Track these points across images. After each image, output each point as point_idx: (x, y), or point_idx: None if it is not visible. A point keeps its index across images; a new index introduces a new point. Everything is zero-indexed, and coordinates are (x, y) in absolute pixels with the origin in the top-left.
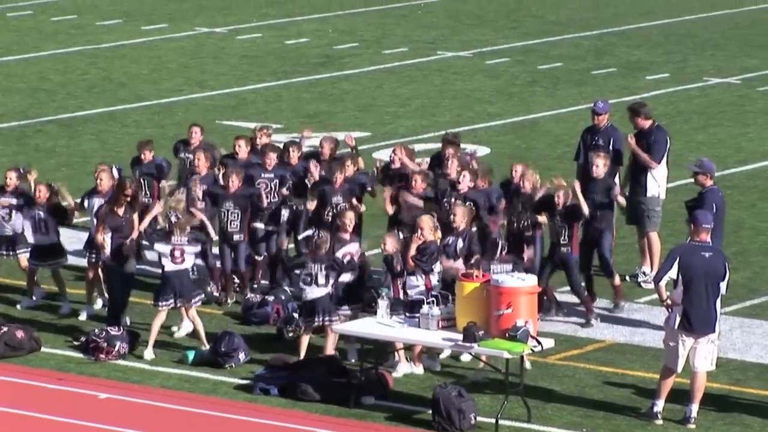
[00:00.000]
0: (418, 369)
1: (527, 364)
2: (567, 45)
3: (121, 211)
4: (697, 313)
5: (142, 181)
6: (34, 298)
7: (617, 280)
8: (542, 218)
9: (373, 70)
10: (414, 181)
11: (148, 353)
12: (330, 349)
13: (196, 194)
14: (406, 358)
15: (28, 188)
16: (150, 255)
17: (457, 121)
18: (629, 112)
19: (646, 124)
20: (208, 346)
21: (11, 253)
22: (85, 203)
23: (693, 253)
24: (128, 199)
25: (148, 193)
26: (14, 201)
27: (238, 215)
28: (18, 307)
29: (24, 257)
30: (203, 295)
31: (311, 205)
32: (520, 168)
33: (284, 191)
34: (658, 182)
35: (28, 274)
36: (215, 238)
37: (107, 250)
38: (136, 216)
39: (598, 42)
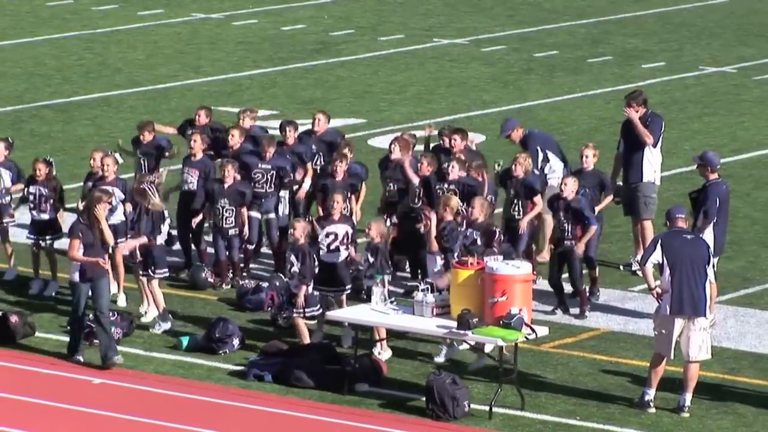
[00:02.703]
0: (454, 349)
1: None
2: (563, 33)
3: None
4: (686, 293)
5: (141, 161)
6: (11, 268)
7: (596, 272)
8: (534, 210)
9: (368, 57)
10: (420, 164)
11: (164, 322)
12: (305, 338)
13: (189, 179)
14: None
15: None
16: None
17: (452, 108)
18: (625, 100)
19: (641, 111)
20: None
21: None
22: None
23: (674, 236)
24: (108, 206)
25: (147, 172)
26: (4, 172)
27: (232, 211)
28: (35, 292)
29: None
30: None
31: (305, 184)
32: (521, 156)
33: (284, 180)
34: (653, 167)
35: (32, 253)
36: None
37: (76, 271)
38: (104, 227)
39: (594, 30)
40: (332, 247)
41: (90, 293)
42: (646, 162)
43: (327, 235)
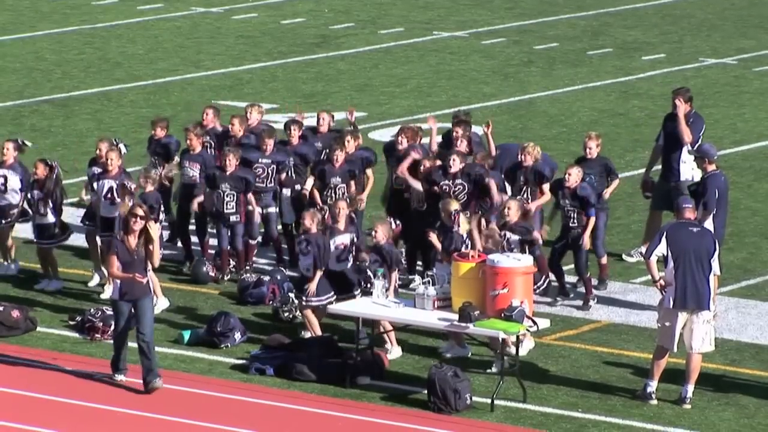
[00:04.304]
0: (465, 351)
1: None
2: (563, 25)
3: (133, 242)
4: (690, 287)
5: (153, 159)
6: (12, 266)
7: (605, 259)
8: (544, 198)
9: (369, 50)
10: (422, 165)
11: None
12: (315, 331)
13: (191, 174)
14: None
15: (25, 164)
16: None
17: (452, 101)
18: (672, 94)
19: (686, 109)
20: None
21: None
22: (95, 186)
23: (680, 228)
24: (141, 222)
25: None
26: (9, 173)
27: (234, 196)
28: (40, 288)
29: (11, 228)
30: None
31: (308, 184)
32: (530, 146)
33: (282, 176)
34: (690, 165)
35: (39, 254)
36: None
37: (116, 289)
38: (155, 247)
39: (594, 22)
40: (341, 257)
41: (133, 313)
42: (683, 161)
43: (336, 247)
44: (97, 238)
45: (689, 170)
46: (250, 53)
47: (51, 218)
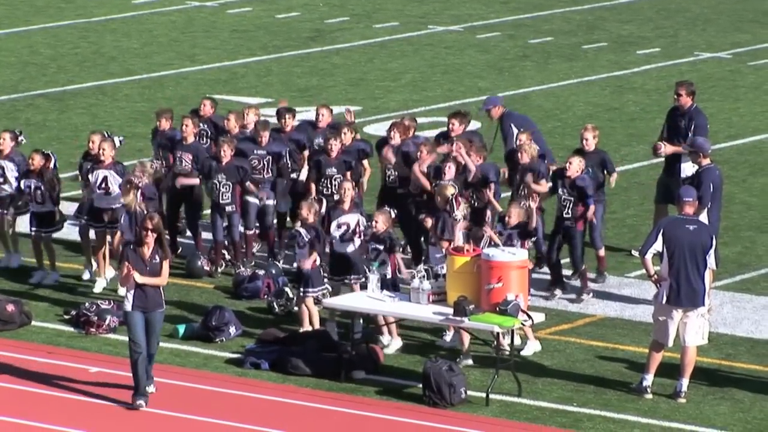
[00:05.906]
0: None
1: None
2: (558, 19)
3: (147, 252)
4: (684, 285)
5: (159, 152)
6: (15, 257)
7: (603, 252)
8: (539, 187)
9: (364, 44)
10: (420, 152)
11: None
12: (312, 324)
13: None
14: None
15: (23, 155)
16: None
17: (447, 95)
18: (676, 86)
19: (687, 102)
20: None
21: (4, 212)
22: (90, 178)
23: (677, 225)
24: (153, 234)
25: (164, 164)
26: (9, 164)
27: (229, 187)
28: (35, 282)
29: (15, 218)
30: None
31: (303, 173)
32: (523, 138)
33: (278, 165)
34: (691, 162)
35: (34, 245)
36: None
37: (129, 300)
38: (166, 263)
39: (589, 16)
40: (345, 237)
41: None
42: (683, 160)
43: (339, 226)
44: (91, 231)
45: (690, 167)
46: (245, 47)
47: (50, 207)
